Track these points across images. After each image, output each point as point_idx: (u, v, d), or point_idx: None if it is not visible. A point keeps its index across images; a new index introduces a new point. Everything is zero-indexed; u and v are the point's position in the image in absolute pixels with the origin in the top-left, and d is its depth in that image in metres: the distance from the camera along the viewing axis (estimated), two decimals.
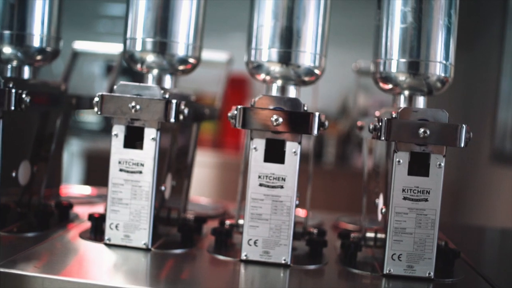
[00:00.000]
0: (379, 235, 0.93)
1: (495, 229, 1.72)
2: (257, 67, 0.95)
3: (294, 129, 0.85)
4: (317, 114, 0.84)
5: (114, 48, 1.24)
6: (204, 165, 2.84)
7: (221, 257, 0.90)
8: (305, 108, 0.87)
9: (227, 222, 0.98)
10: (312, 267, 0.89)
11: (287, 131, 0.85)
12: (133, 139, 0.89)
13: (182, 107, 0.88)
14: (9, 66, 0.98)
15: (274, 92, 0.96)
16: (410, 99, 0.93)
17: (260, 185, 0.86)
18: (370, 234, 0.94)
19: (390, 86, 0.93)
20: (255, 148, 0.87)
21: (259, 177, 0.86)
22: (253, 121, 0.85)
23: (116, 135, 0.89)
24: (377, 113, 1.00)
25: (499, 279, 0.95)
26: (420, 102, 0.93)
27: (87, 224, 0.99)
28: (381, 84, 0.95)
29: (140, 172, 0.88)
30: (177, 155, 0.99)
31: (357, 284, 0.85)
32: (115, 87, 0.90)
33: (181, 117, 0.88)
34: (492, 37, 2.86)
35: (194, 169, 1.11)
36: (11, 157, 0.93)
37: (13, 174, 0.95)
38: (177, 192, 1.01)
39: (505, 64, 2.55)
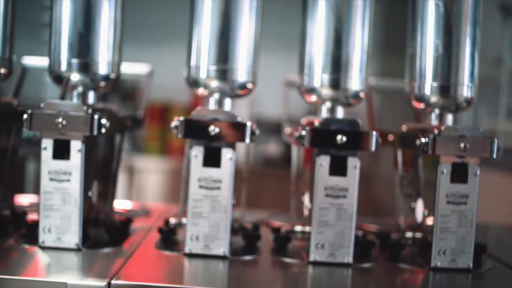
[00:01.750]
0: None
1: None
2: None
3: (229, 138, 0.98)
4: (249, 124, 0.98)
5: None
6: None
7: (167, 252, 1.02)
8: (239, 120, 0.99)
9: (172, 220, 1.11)
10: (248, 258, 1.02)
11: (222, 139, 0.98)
12: (61, 151, 0.99)
13: (104, 121, 0.98)
14: None
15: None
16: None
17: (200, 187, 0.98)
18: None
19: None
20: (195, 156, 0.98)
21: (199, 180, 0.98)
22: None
23: (45, 148, 0.98)
24: (304, 120, 1.15)
25: None
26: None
27: None
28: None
29: (69, 180, 0.98)
30: (102, 163, 1.10)
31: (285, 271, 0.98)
32: (42, 104, 0.99)
33: (103, 130, 0.98)
34: None
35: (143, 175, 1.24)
36: None
37: None
38: (104, 196, 1.12)
39: None
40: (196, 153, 0.99)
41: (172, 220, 1.12)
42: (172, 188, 2.93)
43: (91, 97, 1.08)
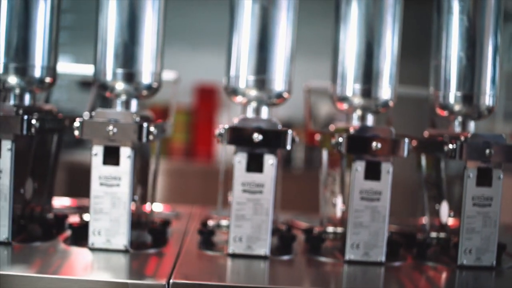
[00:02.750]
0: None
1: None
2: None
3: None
4: (290, 132, 1.05)
5: None
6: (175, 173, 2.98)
7: (209, 253, 1.09)
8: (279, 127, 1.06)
9: (210, 222, 1.20)
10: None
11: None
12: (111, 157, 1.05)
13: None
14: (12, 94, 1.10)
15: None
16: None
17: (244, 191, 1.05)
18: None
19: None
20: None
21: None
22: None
23: (96, 154, 1.04)
24: (332, 127, 1.24)
25: None
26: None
27: None
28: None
29: (118, 185, 1.03)
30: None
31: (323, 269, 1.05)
32: (93, 113, 1.05)
33: (150, 137, 1.04)
34: None
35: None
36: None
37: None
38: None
39: None
40: (240, 159, 1.05)
41: (211, 222, 1.18)
42: (175, 188, 2.98)
43: (134, 105, 1.13)
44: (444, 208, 1.16)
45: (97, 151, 1.04)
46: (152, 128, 1.04)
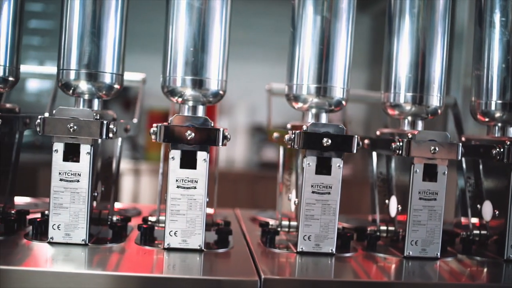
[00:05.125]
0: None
1: None
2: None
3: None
4: (356, 136, 1.11)
5: None
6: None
7: (277, 250, 1.14)
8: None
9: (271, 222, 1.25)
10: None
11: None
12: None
13: (111, 126, 1.08)
14: None
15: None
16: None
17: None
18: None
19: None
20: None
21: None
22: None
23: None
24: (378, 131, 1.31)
25: None
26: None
27: None
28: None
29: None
30: None
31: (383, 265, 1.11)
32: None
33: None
34: None
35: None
36: None
37: None
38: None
39: None
40: (310, 162, 1.12)
41: (271, 221, 1.23)
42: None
43: (200, 110, 1.18)
44: (393, 202, 1.24)
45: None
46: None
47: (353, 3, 1.18)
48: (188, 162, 1.09)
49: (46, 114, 1.10)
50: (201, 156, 1.09)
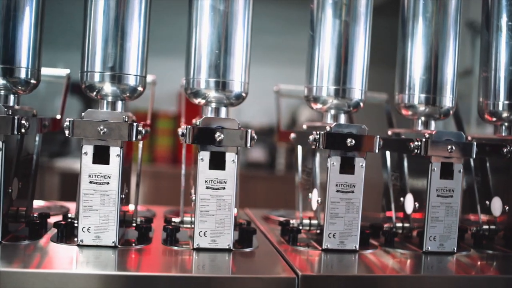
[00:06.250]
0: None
1: None
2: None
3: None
4: (377, 136, 1.14)
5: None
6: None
7: (302, 249, 1.17)
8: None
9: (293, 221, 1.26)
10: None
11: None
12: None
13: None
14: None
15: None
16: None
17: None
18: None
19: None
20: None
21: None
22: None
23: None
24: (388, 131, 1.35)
25: None
26: None
27: None
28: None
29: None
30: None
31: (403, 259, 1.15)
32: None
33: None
34: None
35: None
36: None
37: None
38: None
39: None
40: (334, 161, 1.15)
41: (293, 221, 1.26)
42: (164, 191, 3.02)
43: (223, 112, 1.20)
44: (409, 200, 1.29)
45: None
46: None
47: (370, 7, 1.22)
48: (217, 163, 1.11)
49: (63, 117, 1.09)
50: (230, 157, 1.11)
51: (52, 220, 1.21)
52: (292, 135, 1.34)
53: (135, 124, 1.08)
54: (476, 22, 2.70)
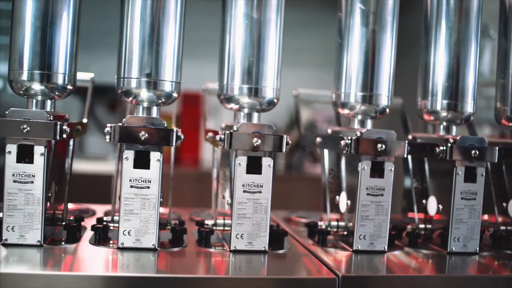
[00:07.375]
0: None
1: None
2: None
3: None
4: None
5: None
6: None
7: (330, 249, 1.20)
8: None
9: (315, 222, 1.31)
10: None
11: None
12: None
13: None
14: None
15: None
16: None
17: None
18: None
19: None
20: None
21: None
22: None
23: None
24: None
25: None
26: None
27: None
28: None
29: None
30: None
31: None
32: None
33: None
34: None
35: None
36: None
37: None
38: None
39: None
40: (365, 166, 1.19)
41: (321, 223, 1.30)
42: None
43: (255, 117, 1.23)
44: (432, 202, 1.33)
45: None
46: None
47: (396, 15, 1.26)
48: (254, 167, 1.14)
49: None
50: (266, 162, 1.14)
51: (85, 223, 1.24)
52: (318, 139, 1.37)
53: (175, 129, 1.11)
54: (483, 26, 2.76)
